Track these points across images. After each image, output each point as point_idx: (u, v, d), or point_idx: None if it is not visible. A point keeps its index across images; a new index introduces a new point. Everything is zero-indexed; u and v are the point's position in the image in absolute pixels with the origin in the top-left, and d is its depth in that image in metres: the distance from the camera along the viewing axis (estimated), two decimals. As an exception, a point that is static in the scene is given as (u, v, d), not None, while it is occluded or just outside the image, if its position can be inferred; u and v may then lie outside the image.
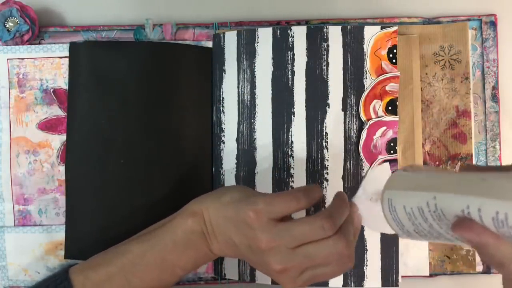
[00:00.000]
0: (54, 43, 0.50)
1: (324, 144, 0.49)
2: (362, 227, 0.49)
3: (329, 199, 0.49)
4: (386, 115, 0.49)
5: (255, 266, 0.41)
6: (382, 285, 0.49)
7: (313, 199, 0.39)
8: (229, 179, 0.50)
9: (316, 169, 0.49)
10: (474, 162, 0.51)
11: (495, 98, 0.52)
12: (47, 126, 0.50)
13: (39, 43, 0.51)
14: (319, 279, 0.39)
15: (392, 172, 0.36)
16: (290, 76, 0.50)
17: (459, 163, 0.50)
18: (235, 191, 0.42)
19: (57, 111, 0.50)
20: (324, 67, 0.49)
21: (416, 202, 0.31)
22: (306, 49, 0.50)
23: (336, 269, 0.38)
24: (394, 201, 0.33)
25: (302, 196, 0.38)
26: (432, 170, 0.34)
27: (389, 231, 0.41)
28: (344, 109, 0.49)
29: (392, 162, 0.49)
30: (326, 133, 0.49)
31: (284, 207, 0.38)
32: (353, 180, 0.49)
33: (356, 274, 0.49)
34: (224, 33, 0.51)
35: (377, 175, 0.40)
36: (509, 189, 0.26)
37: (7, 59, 0.50)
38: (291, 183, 0.49)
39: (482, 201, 0.27)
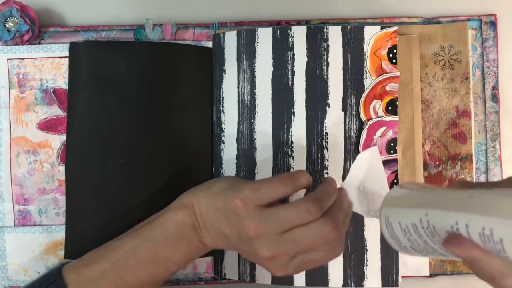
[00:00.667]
0: (54, 43, 0.50)
1: (324, 144, 0.49)
2: (362, 227, 0.49)
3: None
4: (386, 115, 0.49)
5: (246, 256, 0.41)
6: (382, 285, 0.49)
7: (301, 184, 0.39)
8: (229, 179, 0.50)
9: (316, 169, 0.49)
10: (474, 162, 0.51)
11: (495, 98, 0.52)
12: (47, 126, 0.50)
13: (39, 43, 0.51)
14: (310, 265, 0.38)
15: (390, 189, 0.37)
16: (290, 76, 0.50)
17: (454, 181, 0.51)
18: (223, 181, 0.42)
19: (57, 111, 0.50)
20: (324, 67, 0.50)
21: (410, 219, 0.32)
22: (306, 49, 0.50)
23: (325, 254, 0.38)
24: (390, 218, 0.34)
25: (288, 181, 0.38)
26: (428, 187, 0.35)
27: (375, 216, 0.42)
28: (344, 109, 0.49)
29: (392, 162, 0.49)
30: (326, 133, 0.49)
31: (271, 192, 0.38)
32: (353, 180, 0.49)
33: (356, 274, 0.49)
34: (224, 33, 0.51)
35: (366, 159, 0.41)
36: (493, 205, 0.27)
37: (7, 59, 0.50)
38: (291, 183, 0.49)
39: (468, 217, 0.27)
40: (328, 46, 0.50)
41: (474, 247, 0.27)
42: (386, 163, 0.49)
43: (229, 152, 0.50)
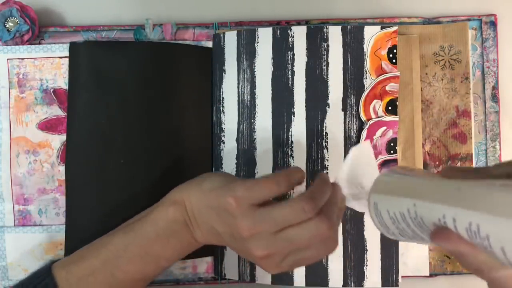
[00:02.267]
0: (54, 43, 0.50)
1: (324, 144, 0.49)
2: (362, 227, 0.49)
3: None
4: (386, 115, 0.49)
5: (239, 253, 0.41)
6: (382, 285, 0.49)
7: (295, 182, 0.39)
8: (229, 179, 0.50)
9: (316, 169, 0.49)
10: (474, 162, 0.51)
11: (495, 98, 0.52)
12: (47, 126, 0.50)
13: (39, 43, 0.51)
14: (304, 263, 0.38)
15: (379, 174, 0.36)
16: (290, 76, 0.50)
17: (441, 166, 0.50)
18: (215, 178, 0.41)
19: (57, 111, 0.50)
20: (324, 67, 0.50)
21: (398, 208, 0.31)
22: (306, 49, 0.50)
23: (320, 251, 0.37)
24: (379, 205, 0.34)
25: (282, 180, 0.38)
26: (419, 173, 0.34)
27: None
28: (344, 109, 0.49)
29: (392, 162, 0.49)
30: (326, 133, 0.49)
31: (265, 192, 0.37)
32: (353, 180, 0.49)
33: (356, 274, 0.49)
34: (224, 33, 0.51)
35: (358, 153, 0.40)
36: (481, 200, 0.26)
37: (7, 59, 0.50)
38: (291, 183, 0.49)
39: (455, 211, 0.27)
40: (328, 46, 0.50)
41: (461, 241, 0.27)
42: (386, 163, 0.49)
43: (229, 152, 0.50)
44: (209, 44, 0.52)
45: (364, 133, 0.49)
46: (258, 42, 0.50)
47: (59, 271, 0.41)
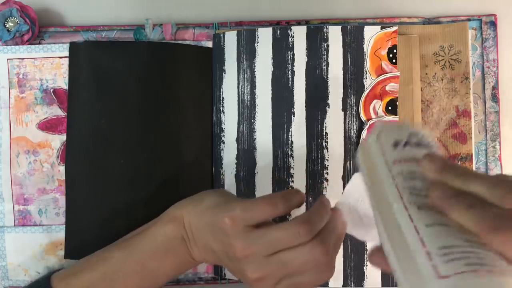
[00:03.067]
0: (54, 43, 0.50)
1: (324, 144, 0.49)
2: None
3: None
4: (386, 115, 0.49)
5: (234, 274, 0.40)
6: (382, 285, 0.49)
7: (293, 204, 0.38)
8: (229, 179, 0.50)
9: (316, 169, 0.49)
10: (474, 162, 0.51)
11: (495, 98, 0.52)
12: (47, 126, 0.50)
13: (39, 43, 0.51)
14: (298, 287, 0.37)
15: (364, 139, 0.37)
16: (290, 76, 0.50)
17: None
18: (214, 196, 0.41)
19: (57, 111, 0.50)
20: (324, 67, 0.50)
21: (371, 203, 0.34)
22: (306, 49, 0.50)
23: (314, 277, 0.36)
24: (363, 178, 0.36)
25: (280, 202, 0.37)
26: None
27: (373, 240, 0.40)
28: (344, 109, 0.49)
29: (392, 162, 0.49)
30: (326, 133, 0.49)
31: (261, 213, 0.37)
32: (353, 180, 0.49)
33: (356, 274, 0.49)
34: (224, 33, 0.51)
35: (361, 179, 0.40)
36: (406, 262, 0.28)
37: (7, 59, 0.50)
38: (291, 183, 0.49)
39: (389, 249, 0.30)
40: (328, 46, 0.50)
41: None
42: (386, 163, 0.49)
43: (229, 152, 0.50)
44: (209, 44, 0.52)
45: (364, 133, 0.49)
46: (258, 42, 0.50)
47: (58, 283, 0.41)
